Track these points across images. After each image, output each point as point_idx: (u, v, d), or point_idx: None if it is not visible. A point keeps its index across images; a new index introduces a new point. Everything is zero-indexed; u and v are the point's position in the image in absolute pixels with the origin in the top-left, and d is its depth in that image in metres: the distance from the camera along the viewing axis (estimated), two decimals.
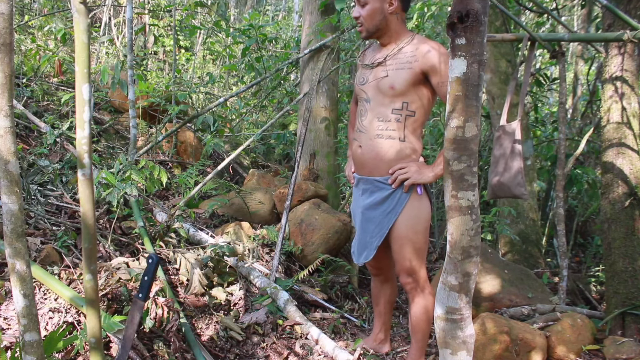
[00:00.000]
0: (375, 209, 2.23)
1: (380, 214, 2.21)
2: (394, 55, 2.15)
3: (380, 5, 2.09)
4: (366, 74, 2.26)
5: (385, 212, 2.21)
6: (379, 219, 2.21)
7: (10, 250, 1.35)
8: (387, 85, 2.14)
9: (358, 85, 2.30)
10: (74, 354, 1.99)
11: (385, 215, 2.21)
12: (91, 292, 1.39)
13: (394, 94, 2.13)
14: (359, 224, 2.33)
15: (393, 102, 2.14)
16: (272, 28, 7.92)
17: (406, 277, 2.27)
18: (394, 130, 2.15)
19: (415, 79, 2.09)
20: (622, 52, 2.98)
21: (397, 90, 2.12)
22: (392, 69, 2.14)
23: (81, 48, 1.27)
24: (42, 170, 3.46)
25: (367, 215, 2.26)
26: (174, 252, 2.99)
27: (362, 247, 2.31)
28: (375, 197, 2.22)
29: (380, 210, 2.22)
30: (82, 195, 1.33)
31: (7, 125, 1.28)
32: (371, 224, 2.25)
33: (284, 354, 2.65)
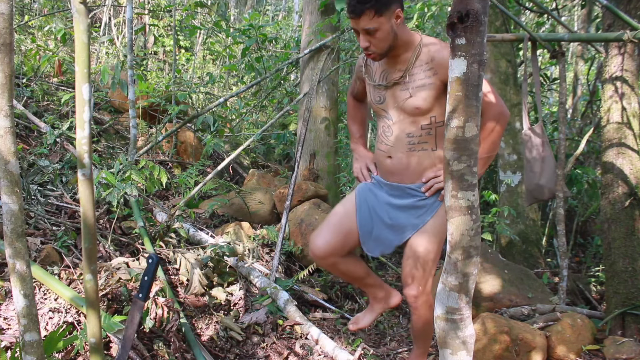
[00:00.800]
0: (404, 211, 2.13)
1: (408, 218, 2.12)
2: (410, 70, 2.00)
3: (389, 25, 1.91)
4: (381, 92, 2.11)
5: (414, 217, 2.12)
6: (406, 222, 2.12)
7: (10, 250, 1.35)
8: (412, 107, 2.02)
9: (375, 104, 2.16)
10: (74, 354, 1.99)
11: (415, 218, 2.11)
12: (91, 292, 1.39)
13: (420, 113, 2.03)
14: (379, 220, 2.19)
15: (421, 120, 2.04)
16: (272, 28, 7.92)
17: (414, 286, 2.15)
18: (425, 142, 2.05)
19: (439, 93, 1.99)
20: (622, 52, 2.98)
21: (424, 110, 2.02)
22: (413, 88, 2.01)
23: (81, 48, 1.27)
24: (42, 170, 3.46)
25: (393, 214, 2.15)
26: (174, 252, 2.99)
27: (379, 243, 2.21)
28: (404, 201, 2.13)
29: (409, 214, 2.12)
30: (82, 195, 1.33)
31: (7, 125, 1.28)
32: (396, 225, 2.15)
33: (284, 354, 2.65)
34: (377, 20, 1.87)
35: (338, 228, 2.20)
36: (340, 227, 2.20)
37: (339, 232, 2.18)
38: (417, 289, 2.16)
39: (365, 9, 1.84)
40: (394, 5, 1.89)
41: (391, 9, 1.88)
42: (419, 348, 2.36)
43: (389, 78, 2.07)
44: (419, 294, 2.17)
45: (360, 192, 2.24)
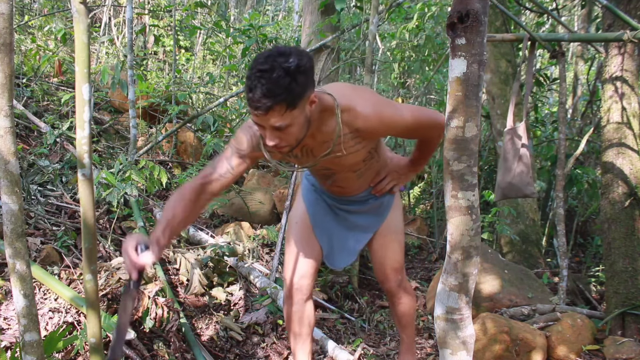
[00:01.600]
0: (361, 215, 2.11)
1: (368, 219, 2.12)
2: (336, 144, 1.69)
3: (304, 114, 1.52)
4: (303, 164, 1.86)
5: (373, 216, 2.12)
6: (367, 223, 2.12)
7: (10, 250, 1.35)
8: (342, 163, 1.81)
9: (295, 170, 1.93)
10: (74, 354, 1.99)
11: (374, 218, 2.12)
12: (91, 292, 1.39)
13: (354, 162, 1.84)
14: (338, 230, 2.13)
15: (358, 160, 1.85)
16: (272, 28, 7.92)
17: (396, 276, 2.16)
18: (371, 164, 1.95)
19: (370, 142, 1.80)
20: (622, 52, 2.98)
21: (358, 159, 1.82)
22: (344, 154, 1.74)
23: (81, 48, 1.27)
24: (42, 170, 3.46)
25: (352, 220, 2.11)
26: (174, 251, 2.99)
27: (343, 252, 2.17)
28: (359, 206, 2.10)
29: (368, 215, 2.12)
30: (82, 195, 1.33)
31: (7, 125, 1.28)
32: (357, 229, 2.13)
33: (284, 354, 2.65)
34: (289, 115, 1.46)
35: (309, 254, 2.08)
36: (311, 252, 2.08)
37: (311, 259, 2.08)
38: (397, 280, 2.18)
39: (275, 104, 1.42)
40: (309, 91, 1.49)
41: (305, 96, 1.48)
42: (409, 337, 2.37)
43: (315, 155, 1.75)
44: (399, 283, 2.19)
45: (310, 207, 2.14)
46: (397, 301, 2.26)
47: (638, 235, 2.93)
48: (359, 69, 7.61)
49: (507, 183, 2.89)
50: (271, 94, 1.40)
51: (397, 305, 2.27)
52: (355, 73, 7.79)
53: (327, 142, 1.69)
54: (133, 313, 2.13)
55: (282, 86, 1.40)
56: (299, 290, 2.09)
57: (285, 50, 1.45)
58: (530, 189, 2.85)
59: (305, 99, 1.49)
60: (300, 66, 1.43)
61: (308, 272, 2.08)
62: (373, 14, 3.47)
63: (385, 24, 6.68)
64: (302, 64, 1.43)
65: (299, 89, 1.43)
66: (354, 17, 4.90)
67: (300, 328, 2.15)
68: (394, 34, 5.60)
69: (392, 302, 2.28)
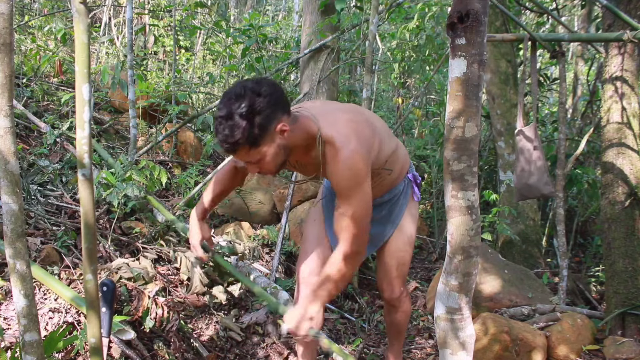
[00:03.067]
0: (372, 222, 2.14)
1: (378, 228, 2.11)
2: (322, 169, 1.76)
3: (274, 145, 1.60)
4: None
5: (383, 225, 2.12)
6: (377, 232, 2.12)
7: (10, 250, 1.35)
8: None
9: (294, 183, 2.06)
10: (74, 354, 1.99)
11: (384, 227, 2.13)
12: (91, 292, 1.39)
13: None
14: None
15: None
16: (272, 28, 7.92)
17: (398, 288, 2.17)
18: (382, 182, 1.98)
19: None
20: (622, 52, 2.98)
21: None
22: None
23: (81, 48, 1.27)
24: (42, 170, 3.45)
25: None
26: (174, 250, 2.99)
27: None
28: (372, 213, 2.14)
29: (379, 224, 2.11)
30: (82, 195, 1.33)
31: (7, 125, 1.28)
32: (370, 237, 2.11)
33: (284, 354, 2.65)
34: (256, 152, 1.58)
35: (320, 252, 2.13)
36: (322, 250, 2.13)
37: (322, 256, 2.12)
38: (399, 290, 2.18)
39: (237, 147, 1.55)
40: (273, 124, 1.56)
41: (269, 131, 1.56)
42: (399, 343, 2.39)
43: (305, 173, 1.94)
44: (400, 293, 2.20)
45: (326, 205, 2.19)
46: (394, 310, 2.26)
47: (638, 235, 2.93)
48: (359, 69, 7.61)
49: (524, 184, 2.92)
50: (231, 139, 1.51)
51: (393, 313, 2.27)
52: (355, 73, 7.79)
53: (315, 168, 1.79)
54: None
55: (239, 131, 1.50)
56: (307, 286, 2.11)
57: (241, 92, 1.52)
58: (548, 188, 2.87)
59: (270, 134, 1.57)
60: (255, 108, 1.50)
61: (317, 269, 2.09)
62: (373, 14, 3.47)
63: (386, 24, 6.68)
64: (256, 105, 1.50)
65: (256, 131, 1.52)
66: (354, 17, 4.90)
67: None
68: (394, 34, 5.60)
69: (389, 310, 2.29)
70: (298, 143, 1.68)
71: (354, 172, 1.65)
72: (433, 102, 7.11)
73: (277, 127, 1.58)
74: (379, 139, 1.82)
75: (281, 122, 1.59)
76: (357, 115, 1.79)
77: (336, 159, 1.65)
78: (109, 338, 1.62)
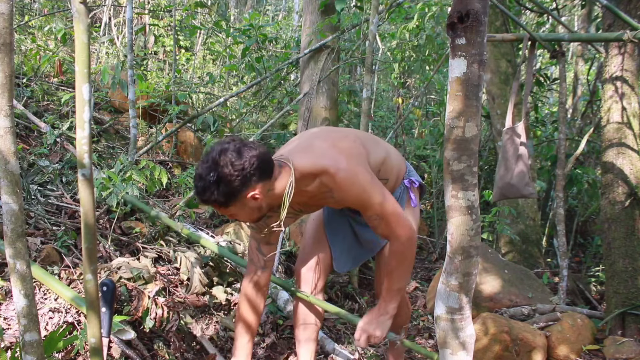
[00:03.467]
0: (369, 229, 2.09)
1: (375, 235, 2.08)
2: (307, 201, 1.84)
3: (248, 208, 1.68)
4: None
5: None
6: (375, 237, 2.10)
7: (10, 250, 1.35)
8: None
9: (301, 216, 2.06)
10: (74, 354, 1.99)
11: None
12: (91, 292, 1.39)
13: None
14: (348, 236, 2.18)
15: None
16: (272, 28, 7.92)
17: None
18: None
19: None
20: (622, 52, 2.98)
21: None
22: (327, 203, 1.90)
23: (81, 48, 1.27)
24: (42, 170, 3.45)
25: (361, 233, 2.14)
26: (175, 250, 2.99)
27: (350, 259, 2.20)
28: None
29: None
30: (82, 195, 1.33)
31: (7, 125, 1.28)
32: (365, 242, 2.15)
33: (284, 354, 2.65)
34: (227, 210, 1.67)
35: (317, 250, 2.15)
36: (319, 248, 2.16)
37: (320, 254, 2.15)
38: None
39: (208, 204, 1.67)
40: (242, 193, 1.62)
41: (238, 198, 1.63)
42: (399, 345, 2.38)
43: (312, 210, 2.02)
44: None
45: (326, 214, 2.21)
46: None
47: (638, 235, 2.93)
48: (359, 69, 7.61)
49: (506, 183, 2.89)
50: (201, 196, 1.63)
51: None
52: (355, 73, 7.79)
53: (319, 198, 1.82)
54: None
55: (208, 193, 1.60)
56: (306, 282, 2.14)
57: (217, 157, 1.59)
58: (529, 189, 2.84)
59: (239, 200, 1.63)
60: (223, 179, 1.57)
61: (314, 266, 2.12)
62: (373, 14, 3.47)
63: (386, 24, 6.67)
64: (226, 177, 1.57)
65: (221, 198, 1.60)
66: (354, 17, 4.90)
67: (305, 325, 2.18)
68: (394, 34, 5.60)
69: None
70: (281, 195, 1.72)
71: (358, 184, 1.72)
72: (433, 102, 7.11)
73: (247, 195, 1.63)
74: (365, 150, 1.85)
75: (254, 189, 1.63)
76: (334, 137, 1.84)
77: (338, 184, 1.71)
78: (109, 338, 1.62)
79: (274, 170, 1.68)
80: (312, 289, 2.16)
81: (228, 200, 1.62)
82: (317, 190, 1.77)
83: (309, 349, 2.18)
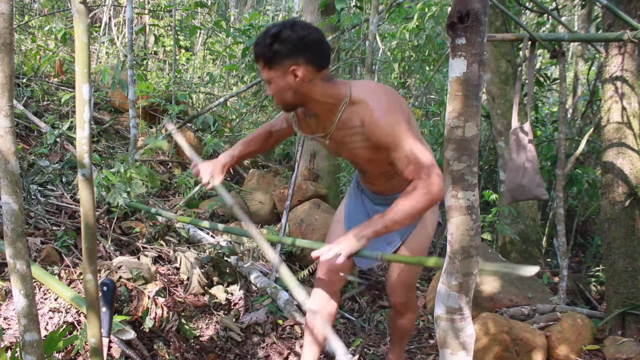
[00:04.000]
0: None
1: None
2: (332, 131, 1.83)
3: (284, 81, 1.72)
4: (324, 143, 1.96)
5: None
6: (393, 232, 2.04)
7: (10, 250, 1.35)
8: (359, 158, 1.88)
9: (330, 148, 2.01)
10: (74, 354, 1.99)
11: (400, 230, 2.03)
12: (91, 292, 1.39)
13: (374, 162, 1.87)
14: None
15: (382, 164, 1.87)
16: None
17: (405, 293, 2.17)
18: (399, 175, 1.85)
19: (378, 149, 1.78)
20: (622, 52, 2.98)
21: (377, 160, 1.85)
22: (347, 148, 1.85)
23: (81, 48, 1.27)
24: (42, 170, 3.45)
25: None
26: (174, 250, 2.99)
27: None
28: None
29: None
30: (82, 195, 1.33)
31: (7, 125, 1.28)
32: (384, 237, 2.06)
33: (284, 354, 2.65)
34: (267, 73, 1.73)
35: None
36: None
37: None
38: (407, 296, 2.18)
39: (258, 57, 1.72)
40: (287, 62, 1.68)
41: (283, 65, 1.68)
42: (402, 346, 2.39)
43: (313, 132, 1.95)
44: (407, 300, 2.19)
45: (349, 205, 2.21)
46: (399, 315, 2.26)
47: (638, 235, 2.93)
48: (359, 69, 7.61)
49: (516, 185, 2.84)
50: (255, 46, 1.73)
51: (398, 318, 2.27)
52: (355, 73, 7.80)
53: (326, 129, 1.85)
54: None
55: (261, 45, 1.70)
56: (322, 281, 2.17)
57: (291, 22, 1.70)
58: (541, 190, 2.80)
59: (281, 65, 1.70)
60: (280, 36, 1.66)
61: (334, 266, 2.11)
62: (373, 14, 3.46)
63: (386, 24, 6.67)
64: (283, 35, 1.66)
65: (270, 53, 1.68)
66: (354, 17, 4.90)
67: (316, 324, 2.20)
68: (394, 34, 5.60)
69: (395, 314, 2.29)
70: (318, 99, 1.77)
71: (392, 119, 1.69)
72: (433, 102, 7.11)
73: (290, 66, 1.69)
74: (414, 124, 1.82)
75: (299, 65, 1.69)
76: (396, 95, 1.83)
77: (370, 115, 1.71)
78: (109, 338, 1.61)
79: (325, 69, 1.74)
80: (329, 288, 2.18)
81: (273, 58, 1.69)
82: (348, 120, 1.78)
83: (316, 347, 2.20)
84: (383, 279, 3.98)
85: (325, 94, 1.76)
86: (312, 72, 1.71)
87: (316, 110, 1.83)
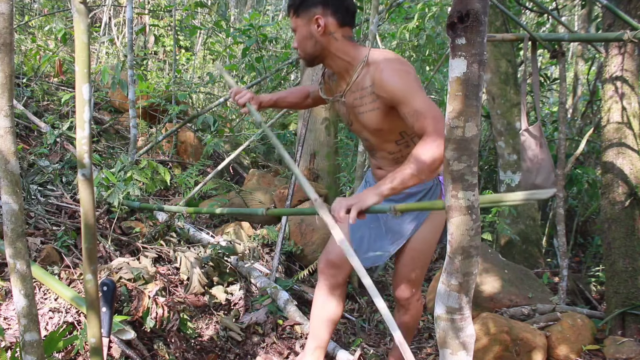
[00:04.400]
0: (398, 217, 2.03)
1: (403, 222, 2.07)
2: (348, 92, 1.89)
3: (307, 29, 1.84)
4: (340, 109, 2.03)
5: (407, 221, 2.07)
6: (401, 226, 2.08)
7: (10, 250, 1.35)
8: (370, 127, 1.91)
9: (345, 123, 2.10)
10: (74, 354, 1.99)
11: (408, 223, 2.07)
12: (91, 292, 1.39)
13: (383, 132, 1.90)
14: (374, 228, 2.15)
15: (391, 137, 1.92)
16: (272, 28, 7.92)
17: (409, 289, 2.16)
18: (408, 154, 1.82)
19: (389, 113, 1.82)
20: (622, 52, 2.98)
21: (383, 129, 1.89)
22: (361, 112, 1.89)
23: (81, 48, 1.27)
24: (42, 170, 3.45)
25: (388, 222, 2.11)
26: (175, 250, 2.99)
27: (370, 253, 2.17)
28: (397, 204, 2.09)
29: (403, 218, 2.07)
30: (82, 195, 1.33)
31: (7, 125, 1.28)
32: (391, 231, 2.11)
33: (284, 354, 2.65)
34: (295, 21, 1.87)
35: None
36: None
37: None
38: (411, 292, 2.18)
39: (289, 7, 1.88)
40: (313, 10, 1.82)
41: (309, 12, 1.83)
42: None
43: (333, 94, 2.03)
44: (412, 295, 2.19)
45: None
46: (403, 311, 2.26)
47: (638, 235, 2.93)
48: None
49: (531, 184, 2.87)
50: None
51: (402, 314, 2.27)
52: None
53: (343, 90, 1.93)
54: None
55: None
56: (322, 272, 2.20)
57: None
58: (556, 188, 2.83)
59: (307, 13, 1.83)
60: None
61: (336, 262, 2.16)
62: (373, 14, 3.46)
63: (386, 24, 6.67)
64: None
65: (299, 1, 1.83)
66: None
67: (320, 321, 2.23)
68: (394, 34, 5.60)
69: (398, 310, 2.28)
70: (336, 54, 1.86)
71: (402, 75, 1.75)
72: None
73: (314, 15, 1.81)
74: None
75: (323, 15, 1.81)
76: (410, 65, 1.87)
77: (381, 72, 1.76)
78: (109, 338, 1.61)
79: (348, 28, 1.85)
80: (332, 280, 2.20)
81: (301, 5, 1.83)
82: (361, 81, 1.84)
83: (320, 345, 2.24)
84: (384, 279, 3.98)
85: (343, 50, 1.86)
86: (334, 25, 1.83)
87: (334, 67, 1.92)
